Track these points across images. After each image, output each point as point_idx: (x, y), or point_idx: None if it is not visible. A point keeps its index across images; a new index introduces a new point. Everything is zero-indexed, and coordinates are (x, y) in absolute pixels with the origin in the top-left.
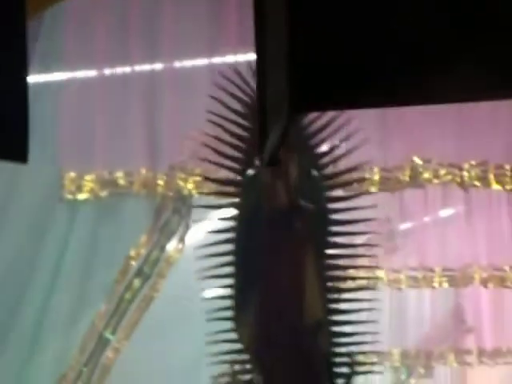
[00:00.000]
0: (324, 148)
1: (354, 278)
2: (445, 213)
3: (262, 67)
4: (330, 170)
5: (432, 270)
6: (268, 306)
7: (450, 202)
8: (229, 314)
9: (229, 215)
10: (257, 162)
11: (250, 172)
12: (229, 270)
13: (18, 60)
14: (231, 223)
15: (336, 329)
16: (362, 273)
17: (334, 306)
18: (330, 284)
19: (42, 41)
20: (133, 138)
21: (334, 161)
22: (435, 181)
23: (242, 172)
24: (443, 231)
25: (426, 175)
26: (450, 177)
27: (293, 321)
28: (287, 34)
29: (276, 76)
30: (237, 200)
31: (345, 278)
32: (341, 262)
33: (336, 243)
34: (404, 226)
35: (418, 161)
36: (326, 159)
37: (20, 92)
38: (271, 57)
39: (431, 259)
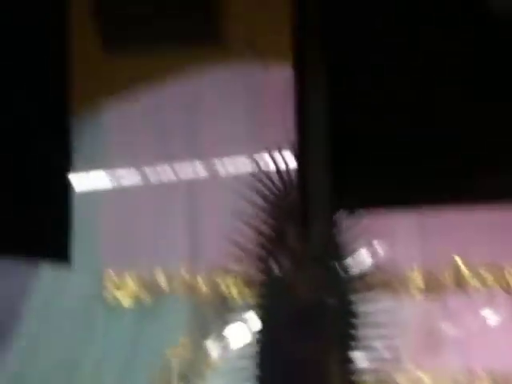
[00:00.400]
0: (359, 247)
1: (389, 376)
2: (488, 317)
3: (303, 168)
4: (361, 270)
5: (476, 375)
6: None
7: (493, 305)
8: None
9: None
10: (283, 257)
11: (276, 268)
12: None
13: (63, 165)
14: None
15: None
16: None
17: None
18: (357, 381)
19: (84, 141)
20: (174, 239)
21: (369, 262)
22: (478, 283)
23: (269, 271)
24: (487, 335)
25: (469, 277)
26: (493, 279)
27: None
28: (329, 134)
29: (317, 176)
30: (263, 299)
31: (378, 375)
32: (374, 358)
33: (368, 339)
34: (447, 330)
35: (459, 262)
36: (357, 260)
37: (64, 196)
38: (313, 158)
39: (475, 364)
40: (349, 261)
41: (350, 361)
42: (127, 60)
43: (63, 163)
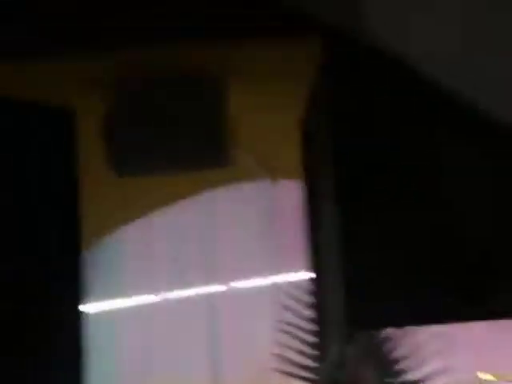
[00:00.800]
0: (398, 363)
1: None
2: None
3: (318, 289)
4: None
5: None
6: None
7: None
8: None
9: None
10: (328, 372)
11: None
12: None
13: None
14: None
15: None
16: None
17: None
18: None
19: (102, 269)
20: (194, 366)
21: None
22: None
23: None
24: None
25: None
26: None
27: None
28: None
29: (333, 296)
30: None
31: None
32: None
33: None
34: None
35: (486, 377)
36: (399, 372)
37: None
38: (327, 278)
39: None
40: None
41: None
42: (139, 185)
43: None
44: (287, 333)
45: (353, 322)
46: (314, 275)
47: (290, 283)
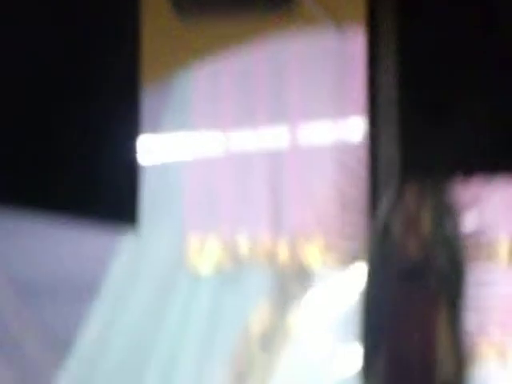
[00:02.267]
0: (459, 209)
1: (479, 346)
2: None
3: (373, 136)
4: (466, 228)
5: None
6: (397, 363)
7: None
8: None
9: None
10: (385, 215)
11: (380, 222)
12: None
13: (131, 130)
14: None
15: None
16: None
17: (467, 370)
18: (463, 347)
19: (170, 104)
20: (256, 205)
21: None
22: None
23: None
24: None
25: None
26: None
27: (422, 379)
28: (400, 103)
29: (387, 145)
30: (364, 253)
31: (480, 343)
32: (477, 325)
33: (470, 304)
34: None
35: None
36: (459, 218)
37: (131, 160)
38: (383, 125)
39: None
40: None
41: (456, 321)
42: (204, 28)
43: (132, 130)
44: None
45: (409, 170)
46: (371, 122)
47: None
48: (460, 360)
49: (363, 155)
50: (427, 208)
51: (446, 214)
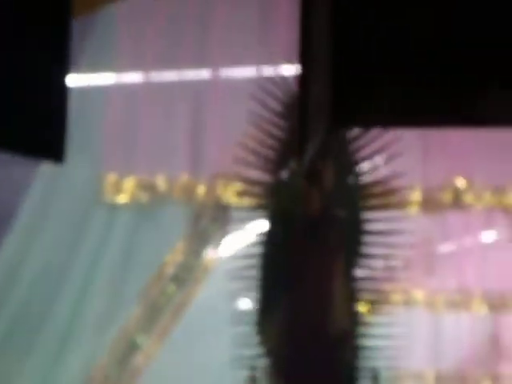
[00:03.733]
0: (363, 160)
1: (385, 292)
2: (486, 236)
3: (305, 77)
4: (366, 179)
5: (471, 294)
6: (295, 313)
7: (492, 225)
8: (255, 316)
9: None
10: (292, 165)
11: (284, 175)
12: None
13: (60, 59)
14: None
15: (363, 342)
16: (394, 288)
17: (363, 318)
18: (359, 295)
19: (93, 41)
20: (176, 144)
21: (372, 170)
22: (477, 203)
23: (275, 173)
24: (484, 255)
25: (469, 197)
26: (493, 200)
27: (319, 329)
28: (332, 45)
29: (318, 87)
30: (267, 202)
31: (375, 291)
32: (372, 274)
33: (368, 254)
34: (444, 248)
35: (460, 183)
36: (363, 169)
37: (58, 92)
38: (315, 67)
39: (471, 283)
40: (353, 173)
41: (353, 274)
42: None
43: (61, 62)
44: (259, 127)
45: (334, 118)
46: (301, 68)
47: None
48: (356, 313)
49: (288, 100)
50: (330, 161)
51: (349, 166)
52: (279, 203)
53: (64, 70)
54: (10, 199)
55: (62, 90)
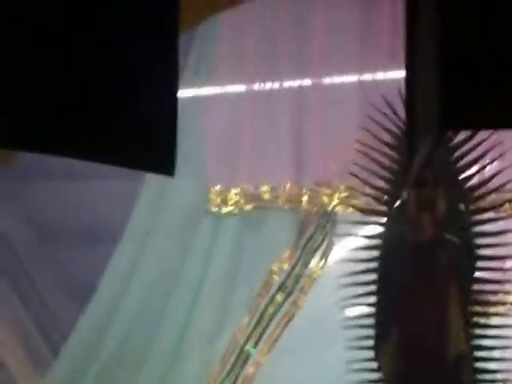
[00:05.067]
0: (472, 182)
1: (498, 314)
2: None
3: (412, 85)
4: (478, 204)
5: None
6: (410, 338)
7: None
8: (370, 334)
9: (374, 237)
10: (404, 194)
11: (398, 203)
12: (370, 289)
13: (170, 73)
14: (376, 245)
15: (479, 365)
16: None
17: (478, 341)
18: (474, 319)
19: (193, 54)
20: (279, 153)
21: (483, 196)
22: None
23: (388, 203)
24: None
25: None
26: None
27: (435, 354)
28: (440, 48)
29: (427, 93)
30: (381, 229)
31: (490, 315)
32: (486, 298)
33: (482, 279)
34: None
35: None
36: (474, 194)
37: (170, 106)
38: (422, 73)
39: None
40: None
41: (469, 294)
42: None
43: (170, 75)
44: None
45: (448, 120)
46: (408, 74)
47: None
48: (472, 336)
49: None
50: (441, 186)
51: (460, 191)
52: (390, 230)
53: (175, 83)
54: (117, 213)
55: (173, 102)
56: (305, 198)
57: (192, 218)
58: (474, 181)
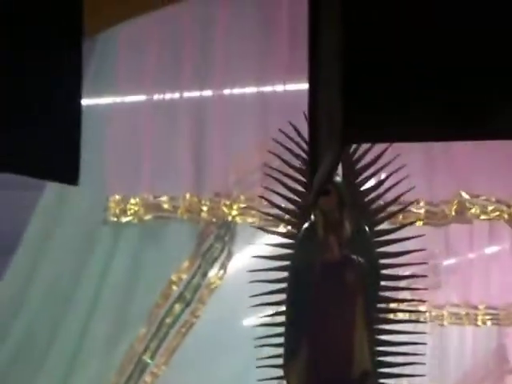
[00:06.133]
0: (376, 205)
1: (401, 332)
2: (491, 249)
3: (314, 96)
4: (380, 224)
5: (476, 308)
6: (317, 356)
7: (496, 238)
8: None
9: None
10: (312, 217)
11: (305, 225)
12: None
13: (73, 82)
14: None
15: (383, 381)
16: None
17: (382, 358)
18: (377, 336)
19: (93, 63)
20: (179, 164)
21: (387, 217)
22: (482, 216)
23: (296, 225)
24: (488, 268)
25: (473, 211)
26: (497, 213)
27: (341, 372)
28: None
29: (329, 105)
30: (290, 251)
31: (393, 332)
32: (389, 315)
33: (386, 297)
34: (448, 262)
35: (465, 196)
36: (378, 215)
37: (74, 114)
38: (324, 85)
39: (475, 297)
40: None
41: (373, 316)
42: None
43: (74, 84)
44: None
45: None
46: (311, 86)
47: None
48: (376, 353)
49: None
50: (345, 208)
51: (365, 212)
52: (298, 251)
53: (78, 91)
54: (13, 223)
55: (77, 110)
56: (204, 209)
57: (90, 227)
58: (378, 200)
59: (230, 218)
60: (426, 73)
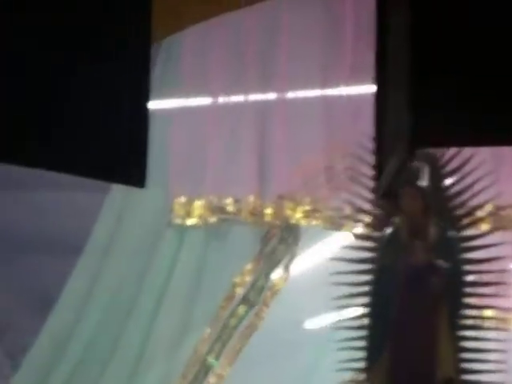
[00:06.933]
0: (463, 210)
1: (486, 339)
2: None
3: (381, 100)
4: (467, 231)
5: None
6: (401, 362)
7: None
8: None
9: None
10: (396, 221)
11: (389, 230)
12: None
13: (142, 86)
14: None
15: None
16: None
17: (466, 365)
18: (462, 343)
19: (158, 67)
20: (243, 166)
21: (473, 223)
22: None
23: (379, 228)
24: None
25: None
26: None
27: (424, 376)
28: (409, 66)
29: (396, 109)
30: (372, 254)
31: (478, 339)
32: (474, 322)
33: (470, 304)
34: None
35: None
36: (464, 221)
37: (142, 118)
38: (391, 88)
39: None
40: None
41: (458, 320)
42: None
43: (142, 88)
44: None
45: (414, 139)
46: (378, 89)
47: (343, 96)
48: (460, 360)
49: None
50: (431, 213)
51: (449, 217)
52: (382, 255)
53: (146, 95)
54: (80, 225)
55: (144, 114)
56: (268, 211)
57: (155, 229)
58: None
59: (293, 221)
60: (494, 77)
